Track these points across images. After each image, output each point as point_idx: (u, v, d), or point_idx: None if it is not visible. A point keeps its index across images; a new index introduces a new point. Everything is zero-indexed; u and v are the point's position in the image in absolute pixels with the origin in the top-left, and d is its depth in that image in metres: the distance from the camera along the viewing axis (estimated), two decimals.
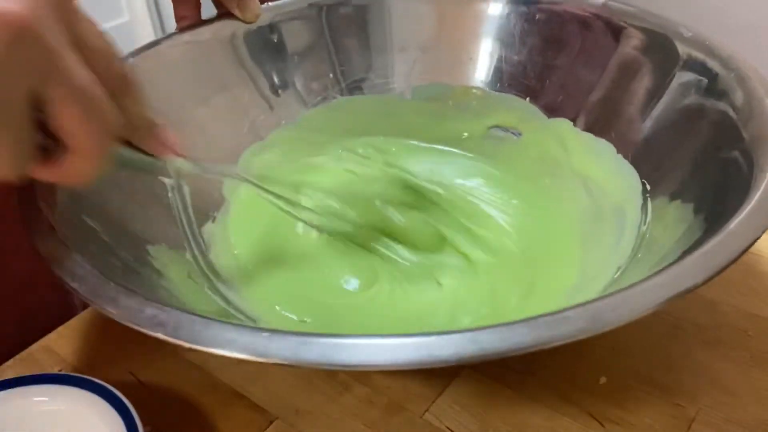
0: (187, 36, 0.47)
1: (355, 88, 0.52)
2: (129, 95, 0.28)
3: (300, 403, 0.34)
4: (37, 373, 0.33)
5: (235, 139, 0.47)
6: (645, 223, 0.36)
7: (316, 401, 0.34)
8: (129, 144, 0.30)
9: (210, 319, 0.24)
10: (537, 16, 0.48)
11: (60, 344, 0.39)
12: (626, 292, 0.23)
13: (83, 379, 0.32)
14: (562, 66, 0.47)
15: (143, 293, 0.26)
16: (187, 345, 0.23)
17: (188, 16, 0.48)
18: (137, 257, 0.34)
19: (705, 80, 0.38)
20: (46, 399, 0.32)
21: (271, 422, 0.34)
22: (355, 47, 0.52)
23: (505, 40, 0.49)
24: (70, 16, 0.24)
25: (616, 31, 0.44)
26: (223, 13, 0.49)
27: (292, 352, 0.22)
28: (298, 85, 0.51)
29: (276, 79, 0.50)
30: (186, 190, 0.43)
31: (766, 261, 0.41)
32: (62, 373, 0.32)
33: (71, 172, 0.25)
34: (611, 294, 0.23)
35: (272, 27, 0.50)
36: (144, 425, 0.30)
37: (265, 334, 0.23)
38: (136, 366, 0.37)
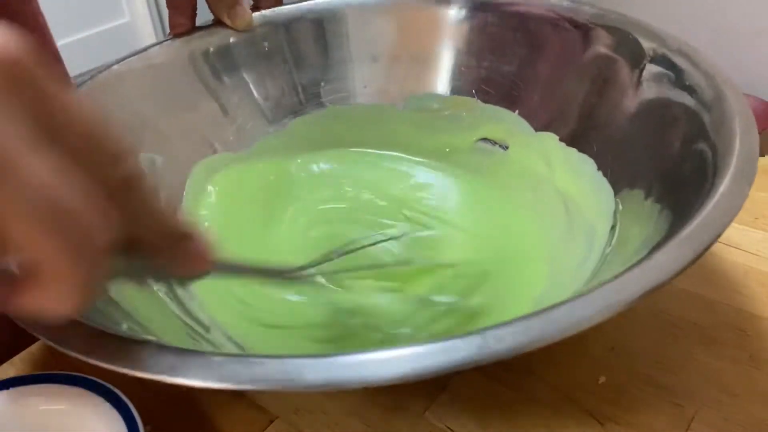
0: (144, 60, 0.47)
1: (317, 101, 0.52)
2: (135, 192, 0.20)
3: (300, 403, 0.34)
4: (37, 372, 0.33)
5: (198, 156, 0.47)
6: (610, 245, 0.36)
7: (316, 400, 0.34)
8: (140, 249, 0.22)
9: (165, 347, 0.23)
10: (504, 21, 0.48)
11: None
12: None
13: (83, 378, 0.32)
14: (543, 75, 0.47)
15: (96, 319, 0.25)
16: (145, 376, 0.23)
17: (183, 24, 0.48)
18: None
19: (673, 75, 0.37)
20: (46, 399, 0.32)
21: (271, 421, 0.34)
22: (319, 59, 0.52)
23: (467, 48, 0.49)
24: (37, 92, 0.18)
25: (589, 35, 0.44)
26: (218, 21, 0.49)
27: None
28: (260, 100, 0.50)
29: (238, 96, 0.50)
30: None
31: (765, 261, 0.41)
32: (62, 372, 0.32)
33: (45, 302, 0.19)
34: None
35: (229, 46, 0.49)
36: (144, 424, 0.30)
37: (217, 359, 0.22)
38: None
